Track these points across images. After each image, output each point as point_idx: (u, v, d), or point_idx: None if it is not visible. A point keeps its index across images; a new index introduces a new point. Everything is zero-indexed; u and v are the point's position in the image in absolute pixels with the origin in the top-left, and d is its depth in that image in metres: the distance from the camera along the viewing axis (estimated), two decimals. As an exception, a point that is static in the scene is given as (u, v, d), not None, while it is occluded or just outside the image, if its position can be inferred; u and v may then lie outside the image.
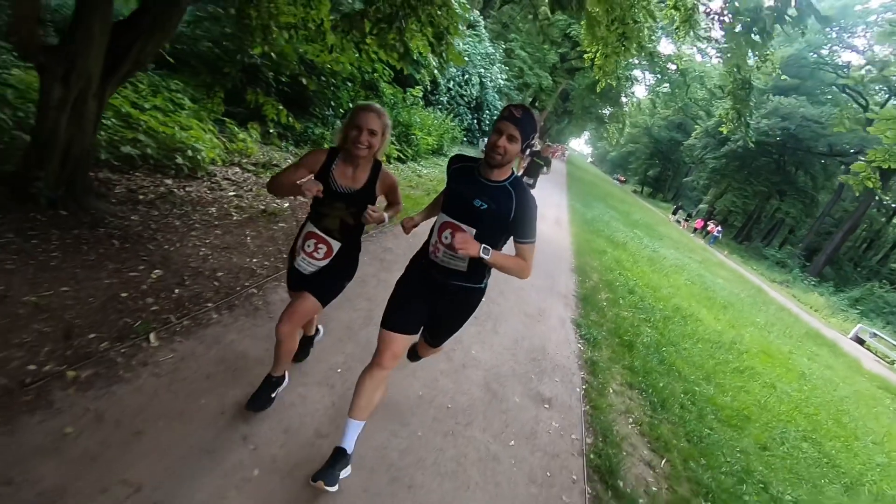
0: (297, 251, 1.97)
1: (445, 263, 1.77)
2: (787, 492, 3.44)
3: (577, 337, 4.63)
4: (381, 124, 1.76)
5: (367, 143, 1.73)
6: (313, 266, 1.94)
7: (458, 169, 1.78)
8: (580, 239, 9.53)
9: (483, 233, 1.69)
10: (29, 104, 4.07)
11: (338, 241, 1.91)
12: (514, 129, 1.56)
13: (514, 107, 1.59)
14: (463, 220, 1.70)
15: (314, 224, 1.91)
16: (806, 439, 4.65)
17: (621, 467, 2.82)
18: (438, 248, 1.76)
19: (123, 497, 1.48)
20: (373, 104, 1.79)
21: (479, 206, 1.66)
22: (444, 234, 1.73)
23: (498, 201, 1.66)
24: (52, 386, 1.74)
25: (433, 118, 11.48)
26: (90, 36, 2.52)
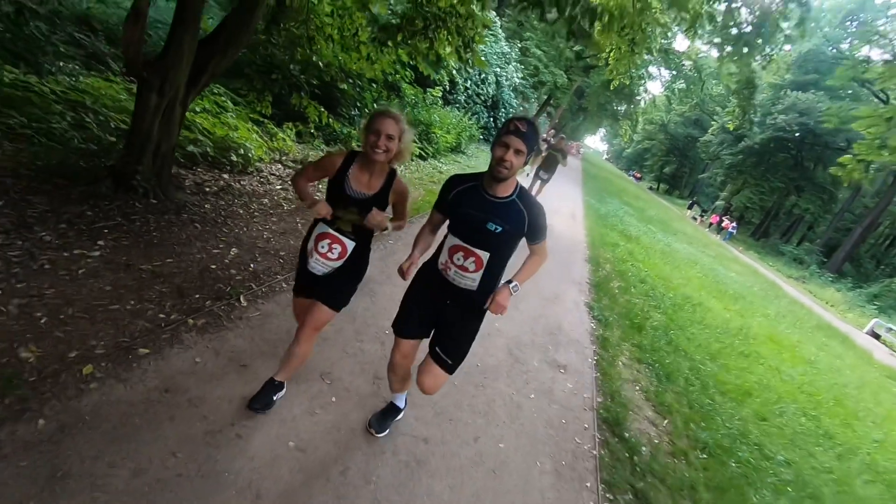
0: (309, 252, 1.95)
1: (456, 282, 1.77)
2: (779, 453, 3.82)
3: (589, 318, 5.05)
4: (399, 129, 1.78)
5: (385, 147, 1.74)
6: (327, 267, 1.93)
7: (461, 192, 1.74)
8: (594, 233, 9.89)
9: (498, 253, 1.72)
10: (103, 107, 4.66)
11: (352, 241, 1.92)
12: (521, 143, 1.56)
13: (519, 120, 1.59)
14: (476, 243, 1.69)
15: (328, 225, 1.91)
16: (805, 415, 4.98)
17: (627, 422, 3.26)
18: (449, 266, 1.75)
19: (241, 406, 1.99)
20: (390, 109, 1.82)
21: (494, 230, 1.65)
22: (456, 255, 1.73)
23: (511, 220, 1.67)
24: (180, 329, 2.26)
25: (452, 117, 11.93)
26: (181, 53, 3.05)
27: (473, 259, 1.70)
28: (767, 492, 3.19)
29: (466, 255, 1.70)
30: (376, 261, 4.25)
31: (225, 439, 1.81)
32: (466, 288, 1.76)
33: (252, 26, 3.33)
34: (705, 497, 2.85)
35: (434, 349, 1.93)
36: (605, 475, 2.61)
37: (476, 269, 1.71)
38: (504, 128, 1.60)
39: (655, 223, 16.10)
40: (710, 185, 34.52)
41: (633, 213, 16.56)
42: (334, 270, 1.95)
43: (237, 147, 4.96)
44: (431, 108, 10.87)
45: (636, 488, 2.62)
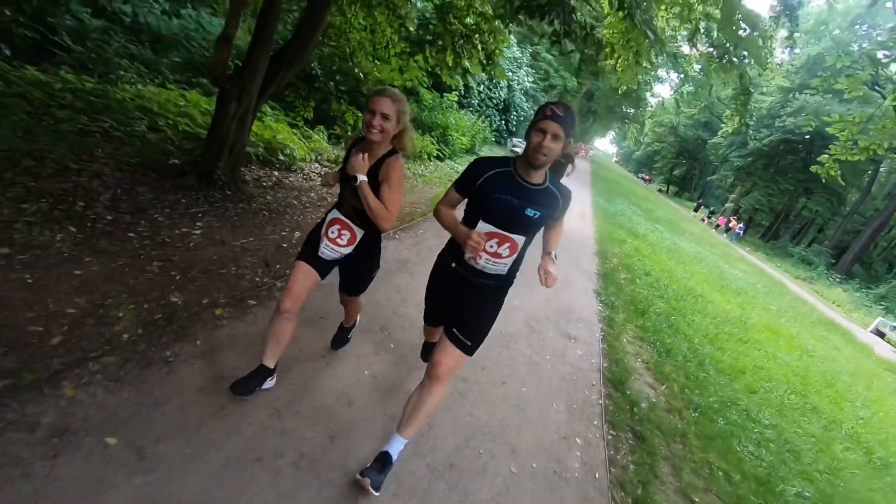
0: (321, 238, 1.95)
1: (486, 269, 1.75)
2: (765, 418, 4.33)
3: (597, 302, 5.60)
4: (396, 110, 1.73)
5: (380, 126, 1.71)
6: (336, 253, 1.93)
7: (493, 177, 1.67)
8: (602, 230, 10.41)
9: (530, 238, 1.73)
10: (168, 112, 5.32)
11: (361, 229, 1.90)
12: (558, 128, 1.51)
13: (555, 105, 1.54)
14: (512, 229, 1.66)
15: (338, 210, 1.93)
16: (794, 392, 5.45)
17: (629, 382, 3.80)
18: (480, 254, 1.71)
19: (326, 345, 2.59)
20: (389, 89, 1.77)
21: (533, 216, 1.64)
22: (489, 243, 1.68)
23: (548, 206, 1.67)
24: (272, 289, 2.87)
25: (466, 120, 12.54)
26: (256, 69, 3.67)
27: (508, 245, 1.68)
28: (751, 445, 3.70)
29: (501, 241, 1.67)
30: (411, 245, 4.86)
31: (318, 367, 2.41)
32: (496, 273, 1.76)
33: (312, 45, 3.94)
34: (695, 443, 3.38)
35: (451, 331, 1.83)
36: (609, 417, 3.17)
37: (510, 254, 1.70)
38: (539, 113, 1.54)
39: (663, 223, 16.53)
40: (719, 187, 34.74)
41: (641, 213, 17.01)
42: (345, 258, 1.96)
43: (283, 147, 5.60)
44: (447, 111, 11.49)
45: (635, 430, 3.17)
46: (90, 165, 3.43)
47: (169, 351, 2.09)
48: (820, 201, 24.13)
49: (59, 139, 3.59)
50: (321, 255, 1.94)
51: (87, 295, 2.20)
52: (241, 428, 1.87)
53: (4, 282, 2.13)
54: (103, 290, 2.26)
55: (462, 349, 1.82)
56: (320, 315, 2.84)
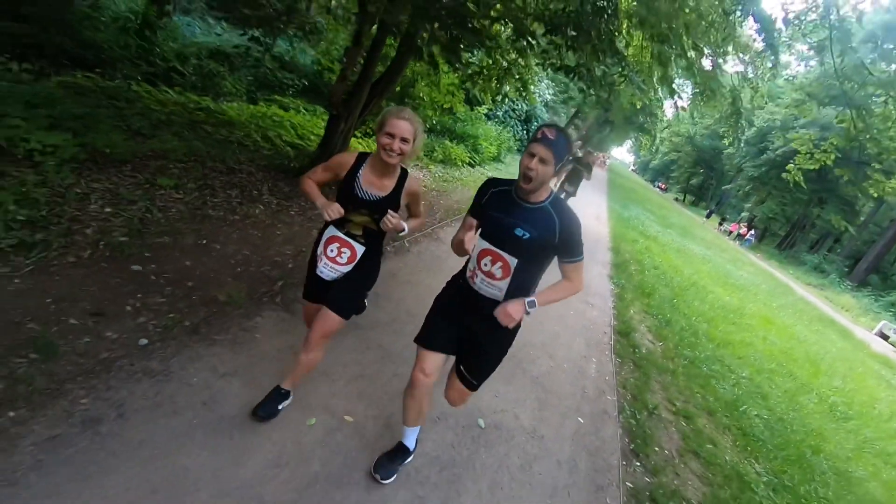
0: (318, 257, 1.93)
1: (483, 291, 1.71)
2: (745, 373, 5.46)
3: (610, 283, 6.80)
4: (413, 131, 1.74)
5: (400, 150, 1.71)
6: (336, 272, 1.90)
7: (496, 194, 1.70)
8: (616, 231, 11.55)
9: (527, 261, 1.64)
10: (272, 125, 6.72)
11: (362, 245, 1.88)
12: (546, 152, 1.50)
13: (548, 127, 1.53)
14: (504, 248, 1.63)
15: (337, 228, 1.88)
16: (776, 363, 6.53)
17: (633, 334, 5.01)
18: (476, 273, 1.71)
19: (405, 310, 3.88)
20: (406, 111, 1.77)
21: (522, 236, 1.59)
22: (484, 261, 1.67)
23: (540, 227, 1.60)
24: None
25: (493, 131, 13.85)
26: (360, 97, 5.02)
27: (501, 264, 1.64)
28: (727, 385, 4.85)
29: (494, 259, 1.64)
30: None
31: (397, 327, 3.70)
32: (493, 298, 1.70)
33: (399, 78, 5.29)
34: (681, 379, 4.55)
35: (459, 368, 1.91)
36: (617, 351, 4.40)
37: (503, 275, 1.65)
38: (533, 135, 1.55)
39: (675, 228, 17.53)
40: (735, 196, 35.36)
41: (655, 219, 18.02)
42: (343, 276, 1.92)
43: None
44: (477, 123, 12.81)
45: (635, 361, 4.39)
46: (243, 166, 4.82)
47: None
48: (834, 211, 24.72)
49: (216, 146, 4.99)
50: (319, 273, 1.92)
51: (291, 245, 3.54)
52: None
53: (246, 235, 3.50)
54: (298, 243, 3.60)
55: (468, 386, 1.95)
56: (408, 280, 4.13)
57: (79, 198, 3.01)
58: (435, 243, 5.16)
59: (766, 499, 3.12)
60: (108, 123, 4.11)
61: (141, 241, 2.82)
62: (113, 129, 4.11)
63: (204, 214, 3.55)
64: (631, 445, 3.08)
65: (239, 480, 1.69)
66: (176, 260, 2.81)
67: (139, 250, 2.71)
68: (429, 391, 1.86)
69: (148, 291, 2.41)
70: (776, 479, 3.41)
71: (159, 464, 1.61)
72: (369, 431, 2.20)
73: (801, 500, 3.29)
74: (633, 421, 3.34)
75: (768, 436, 4.04)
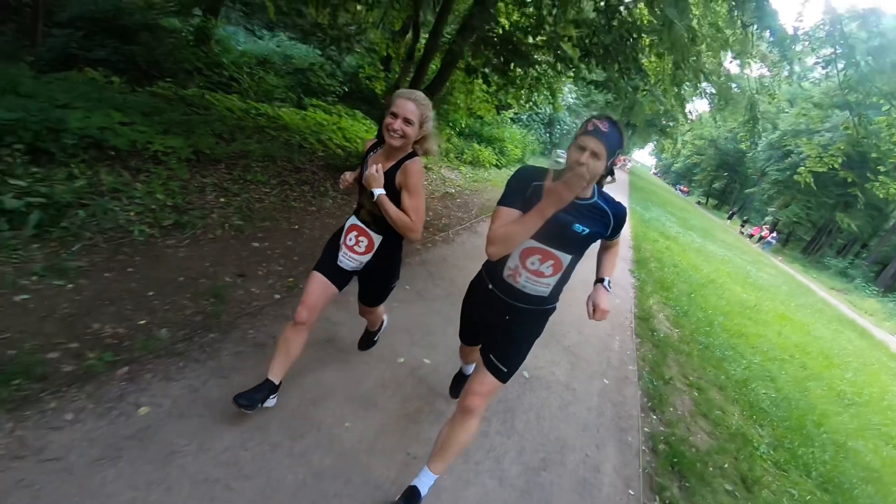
0: (340, 247, 1.92)
1: (526, 289, 1.64)
2: (755, 359, 5.91)
3: (632, 277, 7.32)
4: (420, 115, 1.68)
5: (401, 131, 1.65)
6: (354, 261, 1.89)
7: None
8: (637, 231, 11.98)
9: (577, 256, 1.61)
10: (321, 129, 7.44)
11: (379, 234, 1.84)
12: (599, 145, 1.38)
13: (599, 119, 1.41)
14: (558, 245, 1.54)
15: (356, 216, 1.88)
16: (791, 355, 6.92)
17: (653, 321, 5.53)
18: (520, 272, 1.61)
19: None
20: (415, 92, 1.73)
21: (581, 232, 1.52)
22: (530, 259, 1.58)
23: (597, 222, 1.55)
24: (436, 240, 4.83)
25: (518, 134, 14.43)
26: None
27: (552, 262, 1.58)
28: (739, 368, 5.33)
29: (545, 258, 1.57)
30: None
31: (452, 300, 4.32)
32: (537, 295, 1.65)
33: (443, 86, 5.94)
34: (695, 359, 5.06)
35: (488, 357, 1.76)
36: (637, 332, 4.95)
37: (553, 272, 1.60)
38: (582, 127, 1.45)
39: (696, 230, 17.77)
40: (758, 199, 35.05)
41: (676, 221, 18.26)
42: (363, 268, 1.91)
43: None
44: (503, 126, 13.42)
45: (654, 343, 4.92)
46: (307, 166, 5.54)
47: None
48: (860, 216, 24.45)
49: (282, 148, 5.72)
50: (339, 263, 1.90)
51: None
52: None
53: (324, 223, 4.19)
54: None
55: (498, 376, 1.73)
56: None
57: (198, 189, 3.74)
58: (474, 236, 5.78)
59: (765, 454, 3.64)
60: (202, 128, 4.86)
61: (252, 224, 3.52)
62: (206, 133, 4.86)
63: (289, 206, 4.26)
64: (648, 403, 3.64)
65: (360, 391, 2.34)
66: (280, 240, 3.50)
67: (253, 231, 3.42)
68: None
69: (269, 261, 3.10)
70: (777, 442, 3.91)
71: (307, 374, 2.29)
72: (440, 370, 2.84)
73: (798, 458, 3.79)
74: (650, 385, 3.90)
75: (774, 410, 4.53)
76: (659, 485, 2.72)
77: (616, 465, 2.73)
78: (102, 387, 1.78)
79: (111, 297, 2.24)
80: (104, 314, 2.13)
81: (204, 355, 2.13)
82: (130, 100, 4.83)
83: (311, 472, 1.80)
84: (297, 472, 1.76)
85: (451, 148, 10.31)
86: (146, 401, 1.80)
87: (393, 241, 1.90)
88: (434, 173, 8.37)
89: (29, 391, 1.65)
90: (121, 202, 3.01)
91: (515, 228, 1.44)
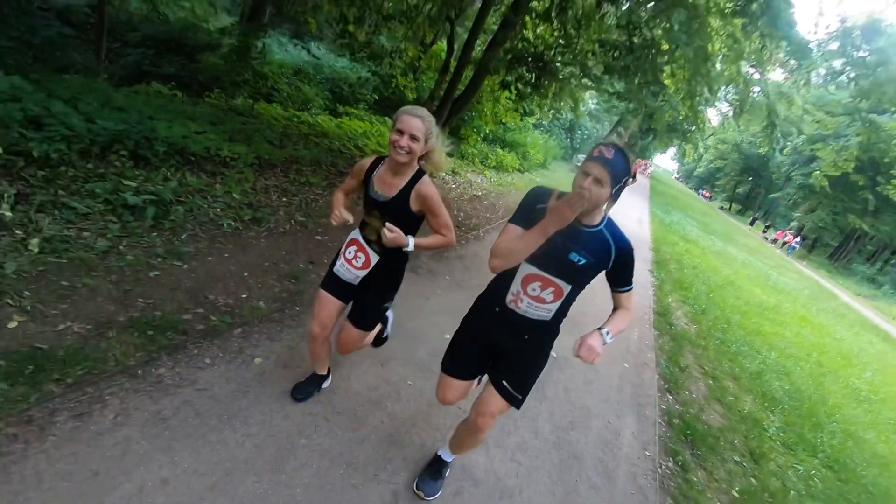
0: (339, 256, 1.95)
1: (528, 314, 1.62)
2: (771, 355, 6.16)
3: (651, 276, 7.62)
4: (425, 130, 1.68)
5: (408, 148, 1.64)
6: (352, 274, 1.90)
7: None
8: (657, 234, 12.20)
9: (577, 286, 1.59)
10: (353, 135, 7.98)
11: (376, 254, 1.85)
12: (602, 171, 1.39)
13: (605, 146, 1.42)
14: (557, 273, 1.53)
15: (360, 230, 1.90)
16: (808, 354, 7.10)
17: (671, 317, 5.85)
18: (521, 298, 1.60)
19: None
20: (419, 108, 1.72)
21: (577, 262, 1.49)
22: (531, 286, 1.57)
23: (596, 253, 1.51)
24: (480, 234, 5.28)
25: (540, 140, 14.81)
26: (442, 114, 6.17)
27: (552, 290, 1.56)
28: (754, 363, 5.60)
29: (545, 285, 1.55)
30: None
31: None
32: (539, 319, 1.63)
33: (473, 97, 6.41)
34: (711, 353, 5.36)
35: (501, 383, 1.74)
36: (655, 325, 5.29)
37: (554, 299, 1.58)
38: (589, 153, 1.45)
39: (717, 234, 17.80)
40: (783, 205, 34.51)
41: (697, 225, 18.30)
42: (362, 282, 1.91)
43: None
44: (526, 132, 13.81)
45: (672, 336, 5.26)
46: (349, 170, 6.05)
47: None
48: (888, 222, 23.97)
49: (325, 154, 6.25)
50: (336, 272, 1.94)
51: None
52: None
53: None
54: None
55: (511, 402, 1.75)
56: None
57: (263, 190, 4.27)
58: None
59: (774, 436, 3.95)
60: (258, 136, 5.43)
61: (313, 220, 4.03)
62: (262, 140, 5.42)
63: (339, 205, 4.78)
64: (665, 386, 4.01)
65: (416, 358, 2.80)
66: (338, 236, 3.99)
67: (314, 227, 3.93)
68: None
69: (330, 252, 3.60)
70: (787, 426, 4.21)
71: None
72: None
73: (806, 441, 4.08)
74: (667, 371, 4.26)
75: (786, 399, 4.81)
76: (673, 450, 3.09)
77: (634, 431, 3.12)
78: (226, 342, 2.29)
79: (217, 276, 2.76)
80: (215, 288, 2.65)
81: (294, 322, 2.63)
82: (196, 111, 5.42)
83: (386, 413, 2.26)
84: (375, 414, 2.23)
85: (475, 153, 10.77)
86: (259, 353, 2.30)
87: (392, 260, 1.89)
88: (461, 177, 8.83)
89: (178, 341, 2.16)
90: (206, 200, 3.55)
91: (517, 244, 1.45)
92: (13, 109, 2.86)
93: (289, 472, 1.76)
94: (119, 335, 2.02)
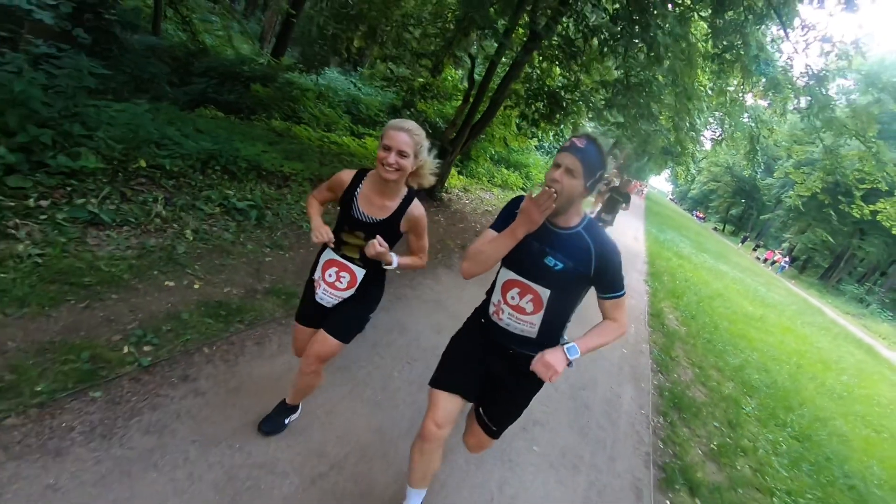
0: (316, 283, 1.82)
1: (512, 328, 1.54)
2: (754, 356, 6.91)
3: (646, 285, 8.41)
4: (414, 145, 1.59)
5: (397, 165, 1.55)
6: (336, 298, 1.79)
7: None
8: (652, 249, 13.03)
9: (559, 293, 1.46)
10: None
11: (362, 269, 1.75)
12: (574, 161, 1.31)
13: (578, 137, 1.36)
14: (533, 278, 1.44)
15: (335, 251, 1.77)
16: (789, 360, 7.81)
17: (663, 318, 6.63)
18: (502, 308, 1.53)
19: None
20: (408, 123, 1.61)
21: (553, 266, 1.41)
22: (510, 294, 1.50)
23: (574, 256, 1.41)
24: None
25: (541, 161, 15.77)
26: (463, 136, 7.03)
27: (531, 297, 1.47)
28: (737, 359, 6.34)
29: (523, 292, 1.47)
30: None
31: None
32: (524, 335, 1.53)
33: (490, 122, 7.28)
34: (699, 349, 6.11)
35: (478, 411, 1.72)
36: (651, 324, 6.05)
37: (534, 310, 1.48)
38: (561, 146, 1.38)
39: (710, 252, 18.66)
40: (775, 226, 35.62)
41: (691, 244, 19.14)
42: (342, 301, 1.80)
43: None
44: (528, 153, 14.77)
45: (664, 334, 6.02)
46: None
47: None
48: (875, 244, 24.97)
49: (360, 171, 7.09)
50: (319, 300, 1.82)
51: (435, 236, 5.47)
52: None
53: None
54: (440, 234, 5.54)
55: (490, 434, 1.74)
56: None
57: (320, 201, 5.07)
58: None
59: (750, 413, 4.69)
60: (307, 154, 6.25)
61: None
62: (311, 158, 6.25)
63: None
64: (658, 369, 4.76)
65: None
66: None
67: (366, 231, 4.73)
68: (440, 447, 1.61)
69: (384, 251, 4.39)
70: (762, 407, 4.95)
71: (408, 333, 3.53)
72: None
73: (778, 419, 4.82)
74: (659, 358, 5.02)
75: (764, 388, 5.55)
76: (663, 411, 3.84)
77: (632, 395, 3.87)
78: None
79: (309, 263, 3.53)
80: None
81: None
82: (254, 132, 6.26)
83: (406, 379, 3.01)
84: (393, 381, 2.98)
85: (483, 172, 11.66)
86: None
87: (376, 271, 1.79)
88: (472, 193, 9.69)
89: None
90: (284, 207, 4.34)
91: (487, 247, 1.42)
92: (150, 131, 3.67)
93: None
94: (264, 297, 2.78)
